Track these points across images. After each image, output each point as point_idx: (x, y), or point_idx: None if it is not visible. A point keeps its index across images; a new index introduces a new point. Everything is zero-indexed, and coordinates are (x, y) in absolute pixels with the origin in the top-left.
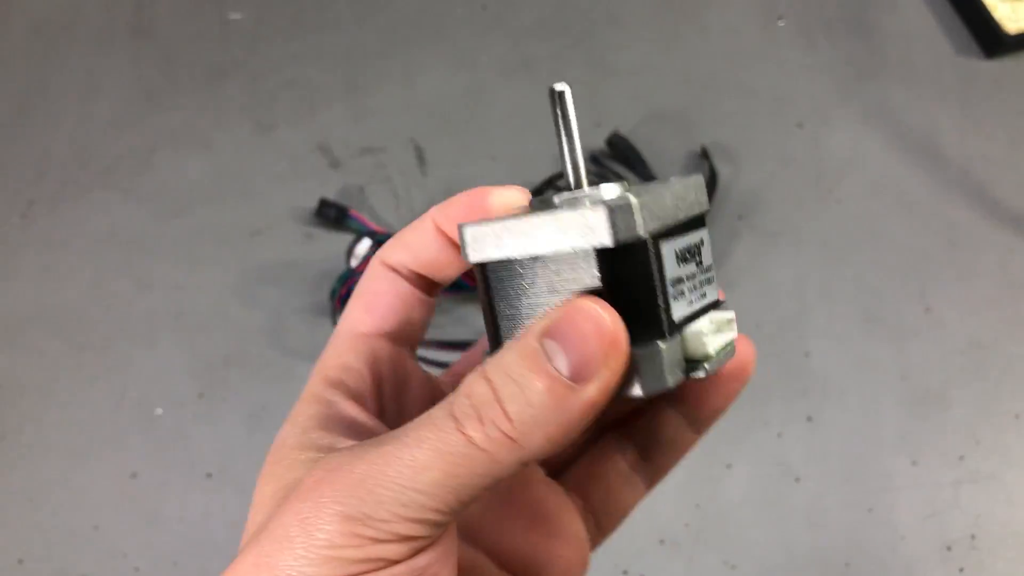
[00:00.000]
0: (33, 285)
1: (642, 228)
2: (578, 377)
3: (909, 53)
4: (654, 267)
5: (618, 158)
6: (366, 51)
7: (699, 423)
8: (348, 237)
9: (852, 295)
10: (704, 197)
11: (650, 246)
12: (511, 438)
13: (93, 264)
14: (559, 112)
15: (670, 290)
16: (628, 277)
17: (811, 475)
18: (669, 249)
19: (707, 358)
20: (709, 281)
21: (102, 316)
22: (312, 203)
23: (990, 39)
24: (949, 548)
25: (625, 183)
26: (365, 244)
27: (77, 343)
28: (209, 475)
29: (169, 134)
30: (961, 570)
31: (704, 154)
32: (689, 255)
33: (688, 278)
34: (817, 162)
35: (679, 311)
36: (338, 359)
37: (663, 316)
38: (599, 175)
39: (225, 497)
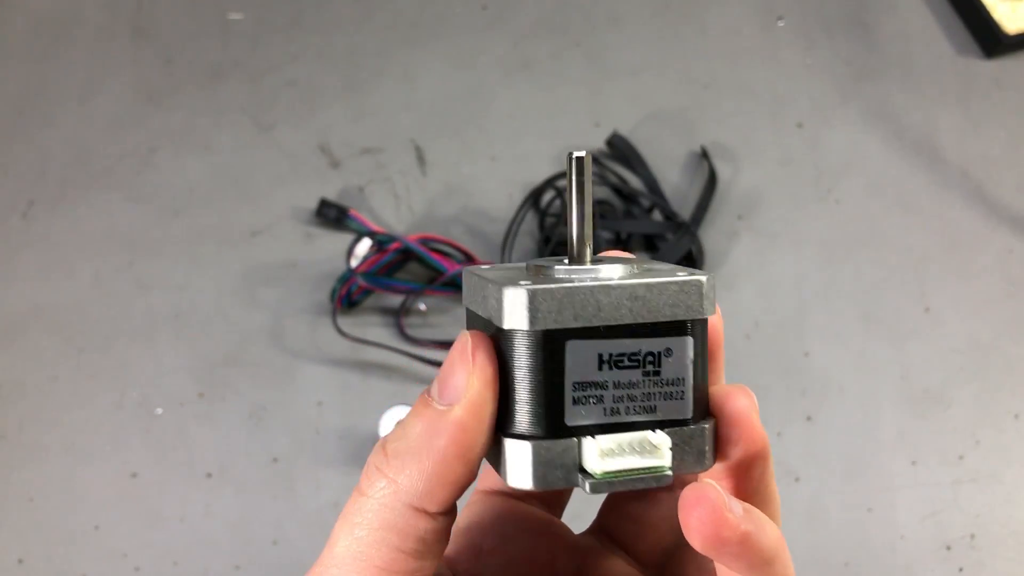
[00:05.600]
0: (33, 285)
1: (526, 320)
2: (445, 398)
3: (908, 53)
4: (542, 363)
5: (618, 158)
6: (366, 51)
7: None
8: (348, 237)
9: (852, 295)
10: (698, 302)
11: (538, 341)
12: (386, 475)
13: (93, 264)
14: (575, 180)
15: (569, 392)
16: (517, 365)
17: (811, 475)
18: (584, 349)
19: (590, 475)
20: (670, 396)
21: (102, 316)
22: (312, 203)
23: (989, 39)
24: (949, 547)
25: (633, 265)
26: (365, 244)
27: (77, 343)
28: (209, 475)
29: (169, 134)
30: (960, 569)
31: (704, 154)
32: (626, 362)
33: (616, 385)
34: (816, 162)
35: (577, 416)
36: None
37: (543, 414)
38: (599, 175)
39: (225, 497)
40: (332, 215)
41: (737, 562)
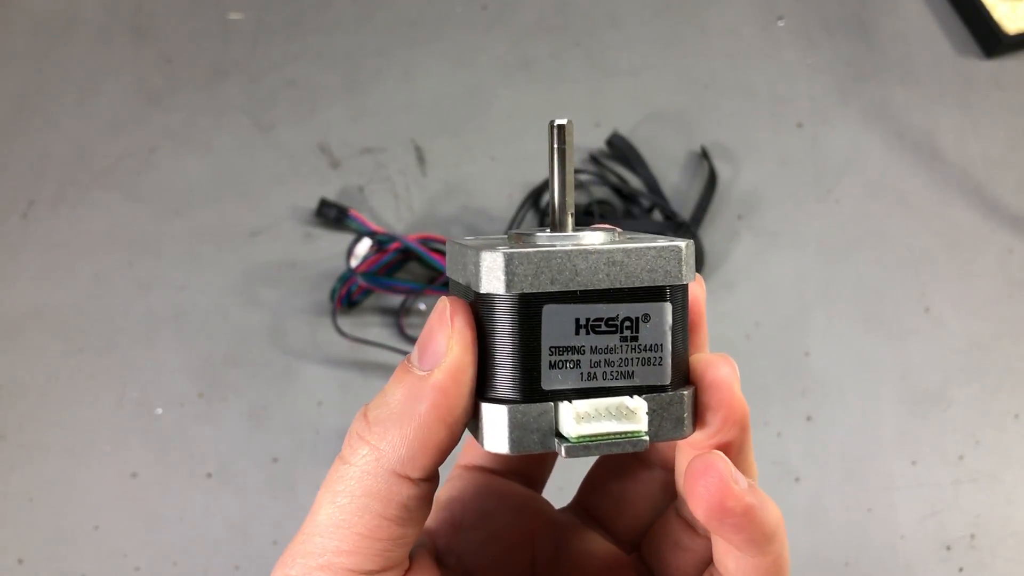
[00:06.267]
0: (33, 285)
1: (503, 284)
2: (425, 363)
3: (909, 53)
4: (519, 327)
5: (618, 158)
6: (366, 51)
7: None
8: (348, 237)
9: (852, 295)
10: (676, 267)
11: (515, 305)
12: (368, 442)
13: (93, 264)
14: (556, 147)
15: (545, 356)
16: (494, 330)
17: (811, 475)
18: (561, 314)
19: (565, 439)
20: (648, 362)
21: (102, 316)
22: (312, 203)
23: (989, 39)
24: (949, 548)
25: (615, 234)
26: (365, 244)
27: (77, 343)
28: (209, 475)
29: (169, 134)
30: (961, 570)
31: (704, 154)
32: (603, 327)
33: (594, 350)
34: (817, 162)
35: (554, 381)
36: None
37: (520, 378)
38: (599, 175)
39: (225, 497)
40: (332, 215)
41: (738, 535)
